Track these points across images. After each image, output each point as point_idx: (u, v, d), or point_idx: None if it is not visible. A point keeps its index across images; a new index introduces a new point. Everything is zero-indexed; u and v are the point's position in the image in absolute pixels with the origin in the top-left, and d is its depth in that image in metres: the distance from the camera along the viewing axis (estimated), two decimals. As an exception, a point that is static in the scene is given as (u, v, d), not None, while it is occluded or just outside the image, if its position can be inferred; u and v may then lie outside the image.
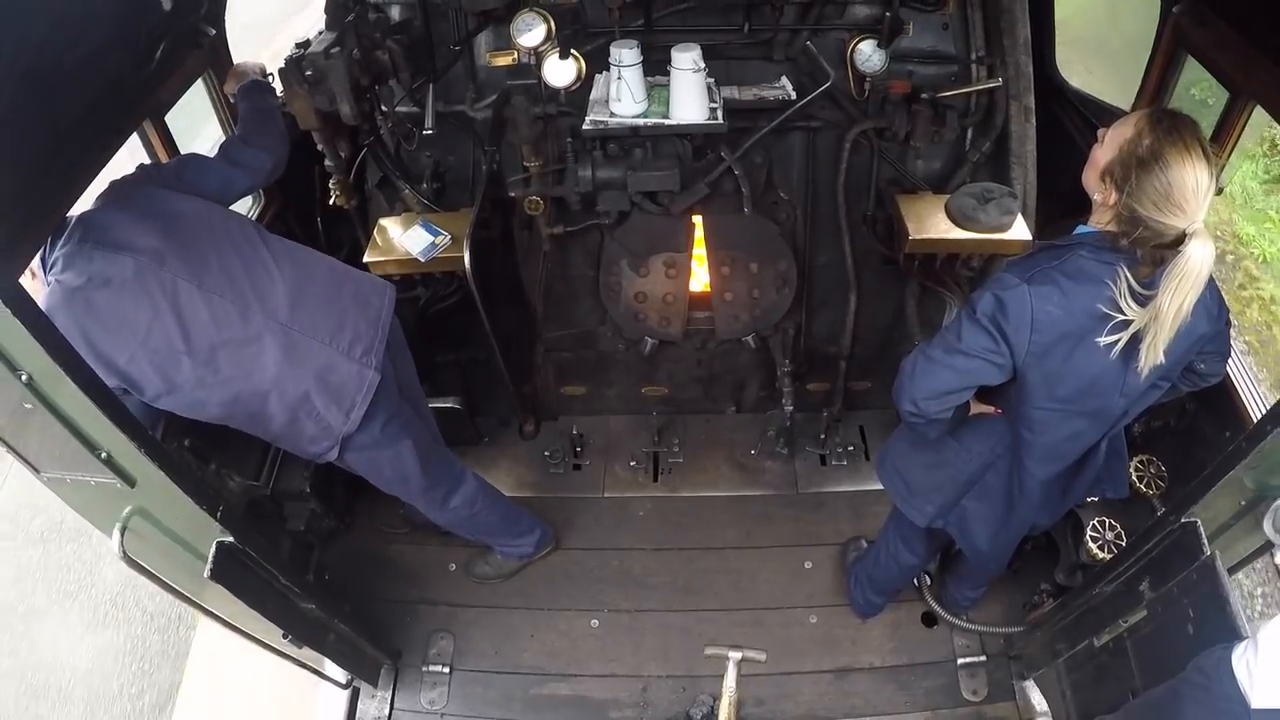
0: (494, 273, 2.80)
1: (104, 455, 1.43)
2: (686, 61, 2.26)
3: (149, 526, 1.61)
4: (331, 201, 2.67)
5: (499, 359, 2.83)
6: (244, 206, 2.69)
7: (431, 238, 2.55)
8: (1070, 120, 2.93)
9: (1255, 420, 1.81)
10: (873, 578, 2.57)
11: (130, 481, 1.50)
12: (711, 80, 2.41)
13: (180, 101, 2.40)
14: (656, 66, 2.41)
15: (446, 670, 2.62)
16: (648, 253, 2.82)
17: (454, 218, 2.64)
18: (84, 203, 1.89)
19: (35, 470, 1.56)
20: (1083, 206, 1.68)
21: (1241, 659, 1.35)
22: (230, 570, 1.68)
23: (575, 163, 2.56)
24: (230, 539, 1.67)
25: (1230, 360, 1.87)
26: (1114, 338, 1.50)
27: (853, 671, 2.59)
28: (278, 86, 2.35)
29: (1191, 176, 1.39)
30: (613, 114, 2.38)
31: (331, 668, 2.32)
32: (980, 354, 1.61)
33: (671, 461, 3.21)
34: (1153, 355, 1.48)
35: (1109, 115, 2.59)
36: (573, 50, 2.40)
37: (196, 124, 2.69)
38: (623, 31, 2.45)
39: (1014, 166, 2.66)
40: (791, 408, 2.92)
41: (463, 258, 2.46)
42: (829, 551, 2.87)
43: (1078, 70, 3.69)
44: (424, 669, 2.62)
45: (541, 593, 2.80)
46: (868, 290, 2.94)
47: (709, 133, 2.44)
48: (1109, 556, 2.20)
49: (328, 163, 2.51)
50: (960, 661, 2.58)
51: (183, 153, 2.27)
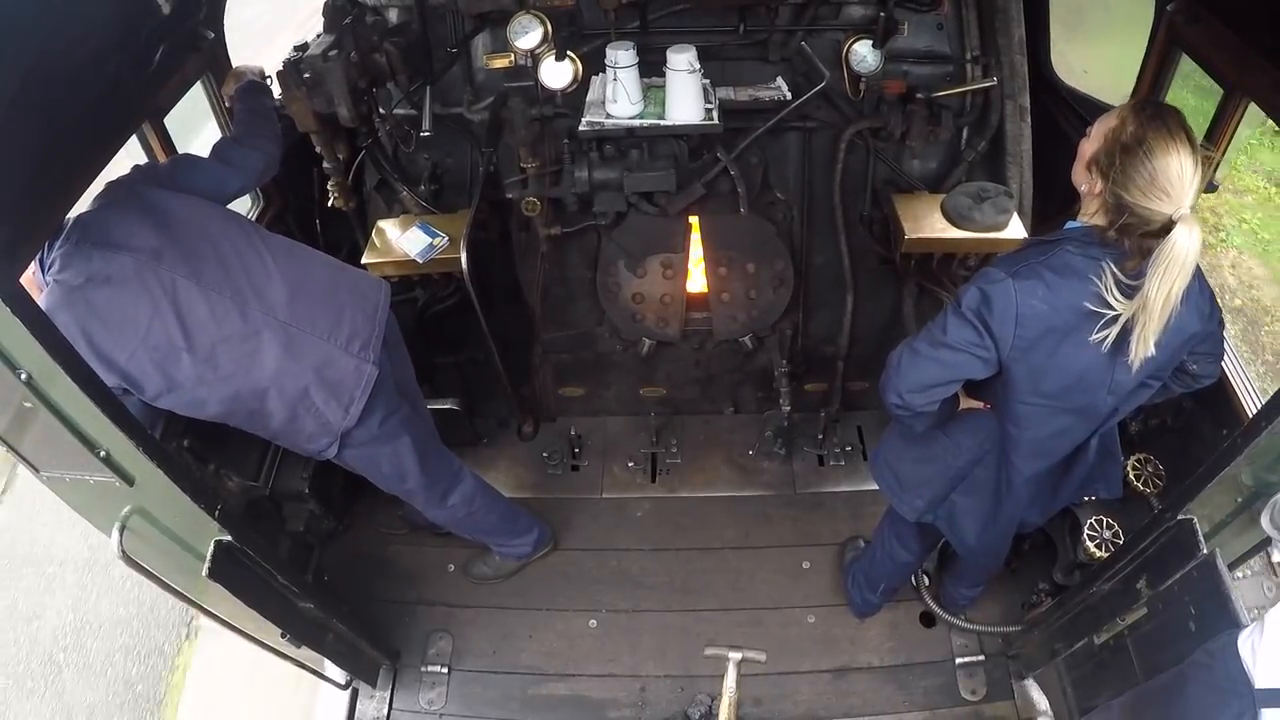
0: (492, 274, 2.81)
1: (103, 454, 1.44)
2: (682, 63, 2.27)
3: (148, 525, 1.62)
4: (330, 203, 2.68)
5: (497, 360, 2.83)
6: (243, 208, 2.71)
7: (429, 239, 2.56)
8: (1066, 119, 2.94)
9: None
10: (869, 576, 2.57)
11: (129, 480, 1.51)
12: (707, 81, 2.42)
13: (180, 103, 2.41)
14: (652, 68, 2.43)
15: (445, 670, 2.63)
16: (645, 253, 2.83)
17: (452, 219, 2.65)
18: (82, 204, 1.90)
19: (35, 469, 1.57)
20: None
21: (1247, 640, 1.36)
22: (229, 569, 1.68)
23: (572, 164, 2.57)
24: (229, 538, 1.67)
25: (1226, 359, 1.87)
26: (1104, 334, 1.50)
27: (851, 671, 2.59)
28: (276, 89, 2.36)
29: (1176, 161, 1.39)
30: (609, 115, 2.39)
31: (331, 668, 2.33)
32: (965, 347, 1.62)
33: (669, 462, 3.21)
34: (1143, 347, 1.48)
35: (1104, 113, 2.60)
36: (569, 52, 2.42)
37: (197, 124, 2.70)
38: (619, 33, 2.46)
39: (1009, 166, 2.67)
40: (789, 408, 2.92)
41: (460, 259, 2.47)
42: (827, 551, 2.88)
43: (1077, 72, 3.66)
44: (423, 669, 2.62)
45: (540, 593, 2.81)
46: (865, 290, 2.94)
47: (705, 133, 2.46)
48: (1106, 555, 2.20)
49: (326, 165, 2.52)
50: (958, 661, 2.58)
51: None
